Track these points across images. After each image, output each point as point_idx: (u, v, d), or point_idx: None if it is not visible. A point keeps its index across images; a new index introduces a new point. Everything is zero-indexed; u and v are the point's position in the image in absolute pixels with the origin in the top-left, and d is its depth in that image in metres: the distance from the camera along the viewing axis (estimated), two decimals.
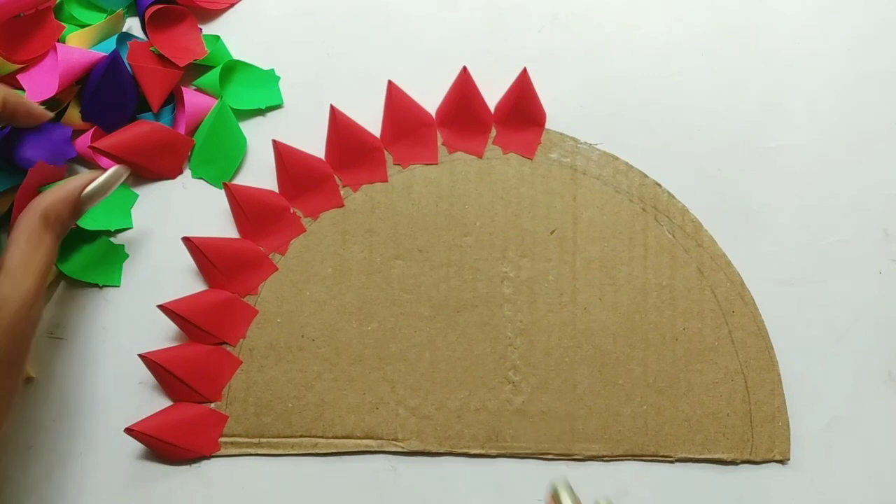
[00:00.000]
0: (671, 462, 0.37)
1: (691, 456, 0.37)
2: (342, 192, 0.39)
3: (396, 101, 0.39)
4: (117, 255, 0.39)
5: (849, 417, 0.38)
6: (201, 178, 0.40)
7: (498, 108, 0.40)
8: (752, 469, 0.38)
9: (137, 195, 0.40)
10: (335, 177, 0.39)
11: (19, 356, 0.32)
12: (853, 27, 0.42)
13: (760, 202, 0.40)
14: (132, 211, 0.40)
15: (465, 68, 0.38)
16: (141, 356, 0.36)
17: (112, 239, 0.40)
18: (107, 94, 0.39)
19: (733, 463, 0.37)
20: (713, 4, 0.42)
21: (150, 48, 0.40)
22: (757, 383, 0.38)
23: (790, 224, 0.40)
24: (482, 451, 0.37)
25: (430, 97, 0.40)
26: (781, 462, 0.37)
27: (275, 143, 0.38)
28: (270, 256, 0.39)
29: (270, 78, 0.41)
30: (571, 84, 0.40)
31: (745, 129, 0.41)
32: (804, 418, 0.38)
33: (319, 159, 0.40)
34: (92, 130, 0.39)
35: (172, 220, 0.40)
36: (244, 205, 0.38)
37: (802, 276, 0.39)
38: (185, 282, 0.39)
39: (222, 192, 0.40)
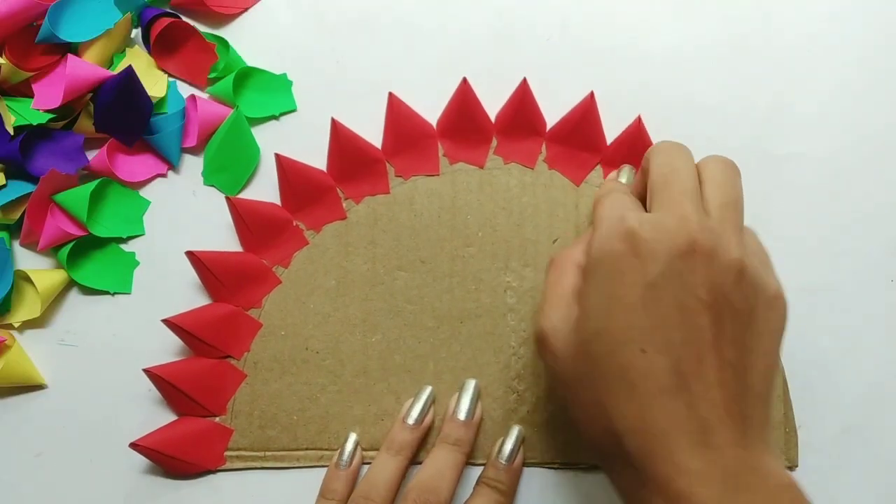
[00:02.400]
0: None
1: None
2: (344, 205, 0.39)
3: (397, 113, 0.39)
4: (128, 263, 0.40)
5: (861, 426, 0.38)
6: (213, 186, 0.41)
7: (498, 118, 0.40)
8: None
9: (150, 202, 0.40)
10: (337, 189, 0.40)
11: None
12: (863, 34, 0.42)
13: (770, 210, 0.40)
14: (143, 218, 0.40)
15: (464, 79, 0.38)
16: (145, 370, 0.36)
17: (123, 246, 0.40)
18: (119, 108, 0.39)
19: None
20: (722, 12, 0.42)
21: None
22: None
23: (800, 232, 0.40)
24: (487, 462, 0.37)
25: (440, 106, 0.40)
26: (790, 469, 0.37)
27: (277, 156, 0.38)
28: (274, 269, 0.39)
29: (283, 83, 0.42)
30: (580, 92, 0.40)
31: (754, 137, 0.41)
32: (816, 426, 0.38)
33: (322, 171, 0.40)
34: (108, 143, 0.40)
35: (183, 228, 0.40)
36: (247, 218, 0.38)
37: (813, 283, 0.39)
38: (196, 289, 0.39)
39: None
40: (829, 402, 0.38)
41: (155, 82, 0.41)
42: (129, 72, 0.38)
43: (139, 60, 0.41)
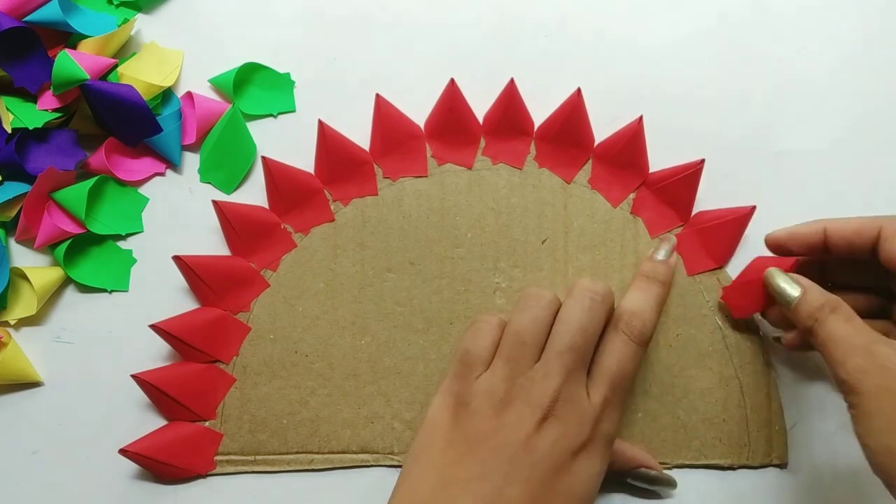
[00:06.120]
0: (669, 469, 0.37)
1: (688, 462, 0.37)
2: (332, 207, 0.39)
3: (385, 114, 0.39)
4: (126, 260, 0.40)
5: None
6: (209, 183, 0.40)
7: (486, 118, 0.40)
8: (750, 474, 0.37)
9: (148, 199, 0.40)
10: (325, 191, 0.39)
11: None
12: (860, 31, 0.42)
13: (767, 207, 0.40)
14: (142, 215, 0.40)
15: (452, 80, 0.38)
16: (133, 376, 0.36)
17: (120, 244, 0.40)
18: (124, 116, 0.39)
19: (731, 468, 0.37)
20: (719, 10, 0.42)
21: None
22: (752, 387, 0.38)
23: None
24: None
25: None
26: (780, 466, 0.37)
27: (264, 159, 0.38)
28: (262, 273, 0.39)
29: (286, 83, 0.41)
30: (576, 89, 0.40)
31: (751, 134, 0.41)
32: (812, 424, 0.38)
33: (309, 174, 0.40)
34: (106, 143, 0.39)
35: (180, 226, 0.40)
36: (234, 222, 0.38)
37: None
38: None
39: (230, 197, 0.40)
40: (824, 399, 0.38)
41: (166, 74, 0.41)
42: (137, 97, 0.38)
43: (149, 54, 0.41)
